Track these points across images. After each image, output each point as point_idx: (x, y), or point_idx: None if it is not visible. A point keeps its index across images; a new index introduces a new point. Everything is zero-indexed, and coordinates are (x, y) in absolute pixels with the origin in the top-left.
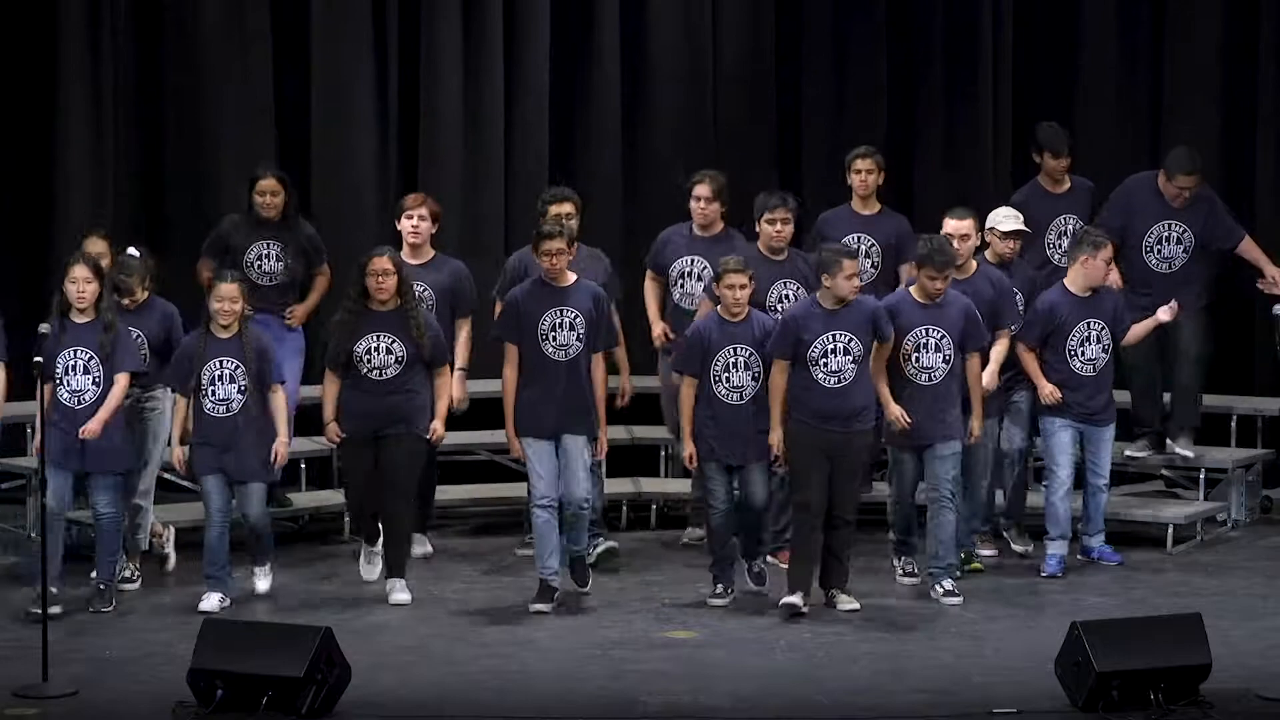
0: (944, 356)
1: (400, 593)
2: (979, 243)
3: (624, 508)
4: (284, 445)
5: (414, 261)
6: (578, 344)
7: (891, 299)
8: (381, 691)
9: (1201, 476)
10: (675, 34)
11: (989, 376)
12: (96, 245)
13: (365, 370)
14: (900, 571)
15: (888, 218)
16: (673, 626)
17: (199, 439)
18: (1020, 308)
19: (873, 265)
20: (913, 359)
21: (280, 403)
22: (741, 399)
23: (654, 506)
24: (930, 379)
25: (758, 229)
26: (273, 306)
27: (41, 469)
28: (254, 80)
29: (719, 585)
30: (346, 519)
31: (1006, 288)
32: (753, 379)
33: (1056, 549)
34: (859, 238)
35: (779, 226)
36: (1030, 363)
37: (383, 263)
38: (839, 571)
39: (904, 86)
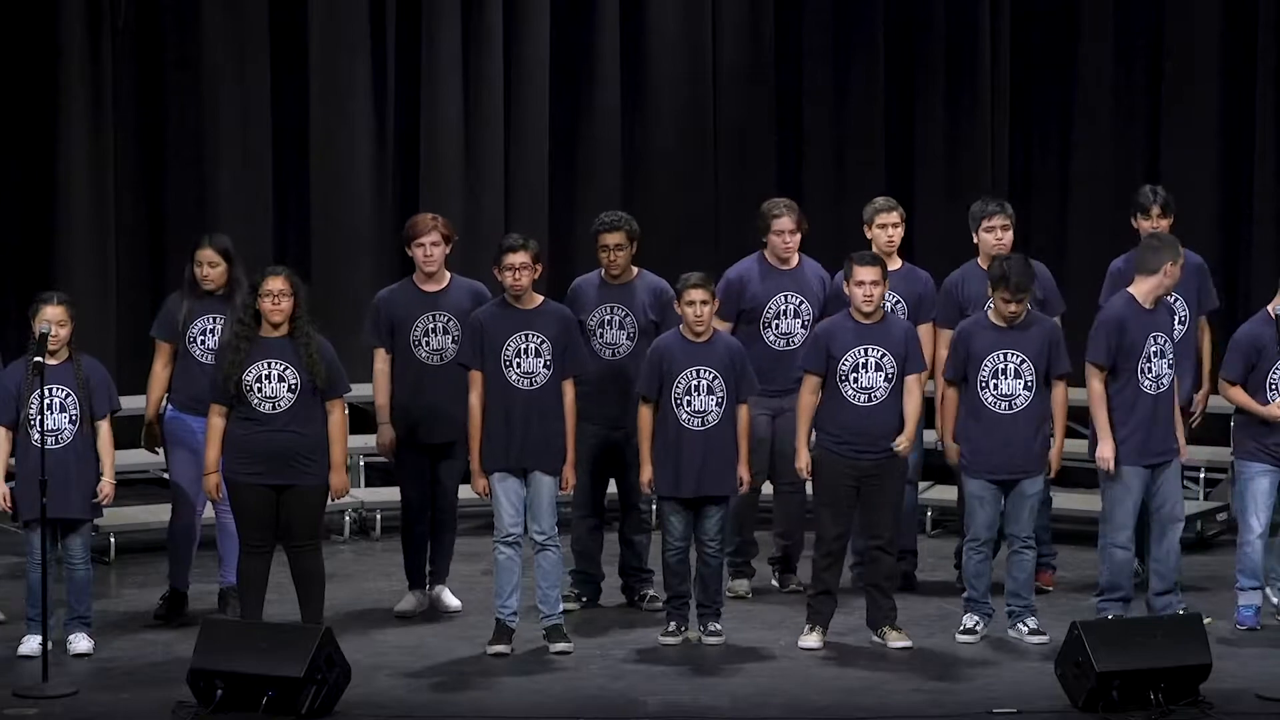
0: (1024, 383)
1: None
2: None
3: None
4: (110, 485)
5: (431, 288)
6: (545, 371)
7: (966, 322)
8: (381, 691)
9: (1201, 476)
10: (675, 34)
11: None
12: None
13: (255, 402)
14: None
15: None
16: None
17: (25, 475)
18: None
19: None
20: (991, 386)
21: (106, 437)
22: (704, 425)
23: (654, 506)
24: (1009, 407)
25: (975, 239)
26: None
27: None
28: (254, 81)
29: (672, 623)
30: (346, 518)
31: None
32: (716, 404)
33: (1250, 599)
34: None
35: (999, 234)
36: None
37: (278, 283)
38: (885, 607)
39: (904, 87)
